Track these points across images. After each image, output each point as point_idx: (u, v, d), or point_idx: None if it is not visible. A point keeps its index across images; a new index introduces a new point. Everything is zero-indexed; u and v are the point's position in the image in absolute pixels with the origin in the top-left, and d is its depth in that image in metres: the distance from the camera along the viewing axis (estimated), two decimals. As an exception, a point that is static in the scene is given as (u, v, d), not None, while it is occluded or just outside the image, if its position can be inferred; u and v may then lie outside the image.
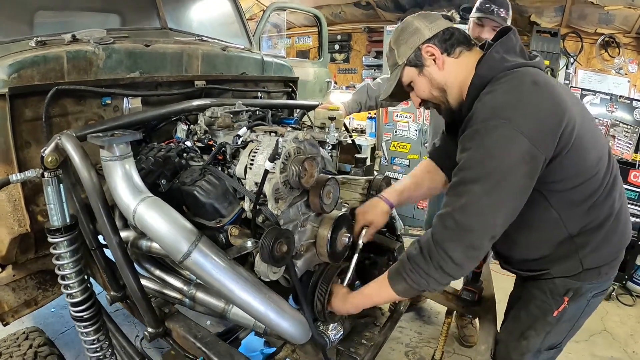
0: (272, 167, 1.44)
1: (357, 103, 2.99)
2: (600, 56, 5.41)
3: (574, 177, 1.43)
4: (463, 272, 1.38)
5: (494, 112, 1.32)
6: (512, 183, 1.30)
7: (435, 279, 1.38)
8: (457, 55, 1.53)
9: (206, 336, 1.63)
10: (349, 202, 2.00)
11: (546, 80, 1.41)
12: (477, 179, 1.31)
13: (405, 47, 1.56)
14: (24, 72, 1.66)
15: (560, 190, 1.45)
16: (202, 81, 2.31)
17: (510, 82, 1.38)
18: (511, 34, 1.50)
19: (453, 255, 1.33)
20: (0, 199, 1.68)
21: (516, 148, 1.27)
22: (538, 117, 1.30)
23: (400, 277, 1.46)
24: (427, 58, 1.53)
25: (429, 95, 1.61)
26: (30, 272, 2.00)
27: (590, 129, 1.47)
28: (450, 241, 1.33)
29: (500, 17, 2.71)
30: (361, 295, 1.65)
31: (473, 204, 1.31)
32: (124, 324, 3.20)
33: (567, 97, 1.42)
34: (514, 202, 1.34)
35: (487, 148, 1.31)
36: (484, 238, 1.33)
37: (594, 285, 1.59)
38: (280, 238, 1.38)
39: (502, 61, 1.43)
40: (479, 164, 1.32)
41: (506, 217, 1.34)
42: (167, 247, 1.37)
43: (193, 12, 3.21)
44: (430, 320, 3.53)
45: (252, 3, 7.12)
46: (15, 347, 1.87)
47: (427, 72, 1.55)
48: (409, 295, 1.49)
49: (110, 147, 1.39)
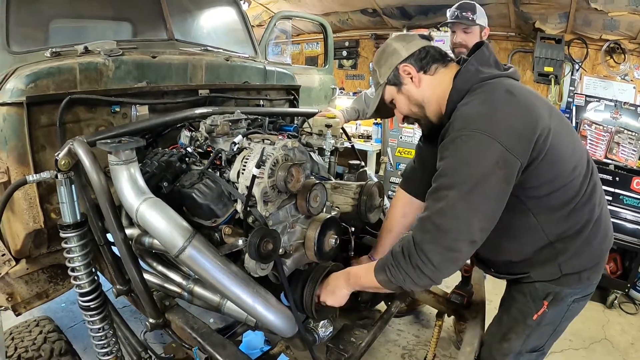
0: (260, 173, 1.57)
1: (355, 111, 3.09)
2: (606, 62, 5.32)
3: (550, 183, 1.46)
4: (440, 275, 1.39)
5: (469, 122, 1.38)
6: (487, 188, 1.33)
7: (412, 278, 1.40)
8: (433, 72, 1.60)
9: (202, 327, 1.74)
10: (340, 206, 2.08)
11: (520, 90, 1.46)
12: (453, 185, 1.35)
13: (385, 67, 1.65)
14: (40, 82, 1.79)
15: (537, 196, 1.49)
16: (206, 90, 2.41)
17: (484, 93, 1.44)
18: (484, 47, 1.56)
19: (431, 257, 1.34)
20: (17, 197, 1.80)
21: (490, 154, 1.32)
22: (511, 124, 1.35)
23: (382, 269, 1.49)
24: (404, 77, 1.61)
25: (409, 112, 1.68)
26: (42, 266, 2.11)
27: (567, 136, 1.51)
28: (429, 243, 1.35)
29: (468, 20, 2.89)
30: (350, 272, 1.70)
31: (450, 208, 1.34)
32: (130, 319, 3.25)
33: (542, 105, 1.46)
34: (490, 207, 1.36)
35: (462, 155, 1.36)
36: (462, 241, 1.35)
37: (574, 290, 1.62)
38: (267, 237, 1.50)
39: (477, 73, 1.50)
40: (455, 170, 1.37)
41: (484, 222, 1.36)
42: (165, 242, 1.49)
43: (199, 23, 3.31)
44: (428, 324, 3.55)
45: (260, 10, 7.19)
46: (26, 333, 2.00)
47: (405, 90, 1.63)
48: (390, 287, 1.50)
49: (117, 152, 1.52)
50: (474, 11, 2.90)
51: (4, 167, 1.78)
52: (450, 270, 1.40)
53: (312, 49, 8.61)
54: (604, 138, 4.63)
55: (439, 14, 5.99)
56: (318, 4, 6.83)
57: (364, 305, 2.25)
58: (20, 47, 2.12)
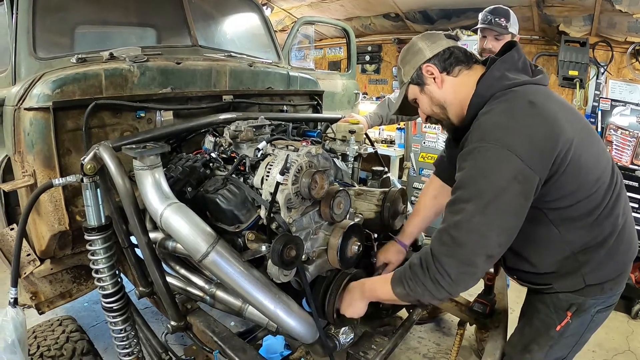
0: (284, 180, 1.56)
1: (378, 116, 3.05)
2: (631, 65, 5.19)
3: (571, 195, 1.44)
4: (458, 289, 1.38)
5: (488, 133, 1.36)
6: (504, 202, 1.31)
7: (430, 291, 1.39)
8: (457, 74, 1.58)
9: (223, 331, 1.76)
10: (363, 213, 2.07)
11: (544, 100, 1.42)
12: (470, 198, 1.33)
13: (409, 66, 1.64)
14: (66, 88, 1.84)
15: (558, 208, 1.46)
16: (230, 96, 2.43)
17: (507, 102, 1.41)
18: (514, 50, 1.53)
19: (448, 271, 1.33)
20: (43, 200, 1.84)
21: (508, 168, 1.30)
22: (532, 138, 1.32)
23: (400, 281, 1.49)
24: (427, 77, 1.60)
25: (431, 112, 1.67)
26: (66, 266, 2.16)
27: (591, 146, 1.48)
28: (446, 256, 1.34)
29: (501, 27, 2.79)
30: (365, 284, 1.70)
31: (466, 222, 1.33)
32: (152, 320, 3.33)
33: (566, 116, 1.43)
34: (508, 222, 1.34)
35: (480, 168, 1.35)
36: (478, 255, 1.33)
37: (598, 300, 1.59)
38: (290, 244, 1.49)
39: (502, 79, 1.46)
40: (472, 183, 1.35)
41: (501, 237, 1.34)
42: (189, 247, 1.50)
43: (223, 29, 3.36)
44: (450, 332, 3.51)
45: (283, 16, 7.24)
46: (49, 331, 2.03)
47: (427, 90, 1.62)
48: (407, 300, 1.50)
49: (142, 157, 1.54)
50: (507, 18, 2.82)
51: (31, 170, 1.83)
52: (468, 284, 1.39)
53: (335, 54, 8.60)
54: (630, 143, 4.54)
55: (462, 17, 5.95)
56: (341, 9, 6.83)
57: (385, 312, 2.24)
58: (46, 53, 2.17)
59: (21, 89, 1.87)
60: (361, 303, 1.69)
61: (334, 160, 2.08)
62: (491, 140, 1.33)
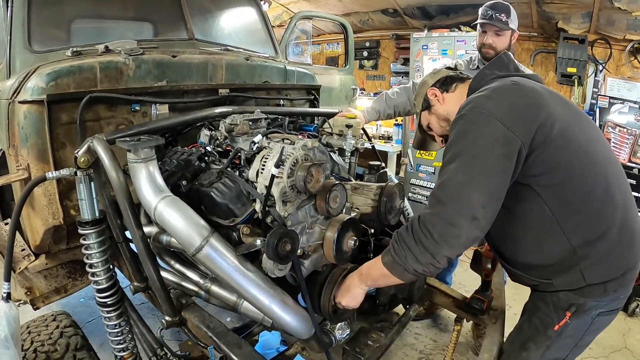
0: (279, 173, 1.55)
1: (375, 112, 3.04)
2: (630, 63, 5.18)
3: (562, 170, 1.45)
4: (441, 250, 1.36)
5: (471, 102, 1.48)
6: (486, 162, 1.36)
7: (414, 254, 1.39)
8: (454, 89, 1.80)
9: (218, 327, 1.74)
10: (360, 208, 2.06)
11: (530, 83, 1.53)
12: (453, 158, 1.41)
13: (419, 97, 1.90)
14: (60, 81, 1.81)
15: (550, 185, 1.47)
16: (226, 89, 2.42)
17: (493, 85, 1.54)
18: (502, 54, 1.74)
19: (431, 230, 1.35)
20: (37, 194, 1.82)
21: (489, 129, 1.38)
22: (512, 105, 1.43)
23: (387, 250, 1.51)
24: (432, 99, 1.83)
25: (441, 130, 1.85)
26: (61, 261, 2.15)
27: (583, 127, 1.55)
28: (430, 215, 1.38)
29: (502, 22, 2.77)
30: (362, 268, 1.68)
31: (449, 180, 1.39)
32: (148, 316, 3.33)
33: (554, 97, 1.53)
34: (491, 181, 1.36)
35: (462, 131, 1.44)
36: (461, 215, 1.34)
37: (599, 302, 1.55)
38: (285, 238, 1.48)
39: (491, 74, 1.62)
40: (455, 144, 1.43)
41: (484, 197, 1.35)
42: (182, 241, 1.49)
43: (220, 23, 3.33)
44: (446, 329, 3.52)
45: (281, 11, 7.20)
46: (43, 327, 2.02)
47: (434, 110, 1.84)
48: (395, 271, 1.48)
49: (136, 150, 1.53)
50: (508, 14, 2.80)
51: (25, 163, 1.81)
52: (452, 246, 1.37)
53: (332, 49, 8.59)
54: (628, 141, 4.55)
55: (461, 13, 5.93)
56: (339, 4, 6.81)
57: (382, 308, 2.23)
58: (41, 46, 2.15)
59: (15, 82, 1.85)
60: (359, 289, 1.66)
61: (331, 154, 2.07)
62: (473, 108, 1.45)
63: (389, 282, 1.60)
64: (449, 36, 5.59)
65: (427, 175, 5.41)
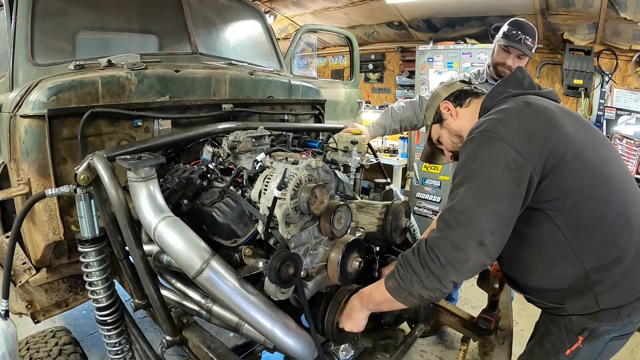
0: (282, 194, 1.52)
1: (381, 127, 3.00)
2: (636, 74, 5.15)
3: (575, 193, 1.40)
4: (447, 275, 1.33)
5: (482, 126, 1.43)
6: (495, 187, 1.33)
7: (420, 278, 1.36)
8: (467, 104, 1.76)
9: (219, 347, 1.71)
10: (365, 227, 2.03)
11: (542, 102, 1.48)
12: (462, 182, 1.38)
13: (430, 109, 1.86)
14: (62, 95, 1.80)
15: (563, 210, 1.42)
16: (230, 104, 2.40)
17: (505, 106, 1.49)
18: (517, 70, 1.66)
19: (438, 254, 1.32)
20: (38, 209, 1.81)
21: (499, 154, 1.34)
22: (523, 127, 1.39)
23: (392, 273, 1.48)
24: (444, 113, 1.79)
25: (452, 146, 1.82)
26: (62, 275, 2.13)
27: (598, 147, 1.50)
28: (438, 239, 1.35)
29: (527, 47, 2.69)
30: (363, 292, 1.66)
31: (458, 204, 1.35)
32: (150, 329, 3.31)
33: (567, 117, 1.47)
34: (500, 208, 1.33)
35: (471, 154, 1.40)
36: (469, 240, 1.31)
37: (613, 327, 1.49)
38: (288, 261, 1.45)
39: (505, 92, 1.56)
40: (464, 168, 1.40)
41: (493, 223, 1.32)
42: (182, 263, 1.46)
43: (224, 36, 3.32)
44: (452, 346, 3.45)
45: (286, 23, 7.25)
46: (42, 343, 1.99)
47: (446, 124, 1.80)
48: (399, 296, 1.45)
49: (136, 169, 1.50)
50: (534, 38, 2.71)
51: (26, 178, 1.80)
52: (459, 272, 1.33)
53: (338, 62, 8.62)
54: (636, 153, 4.52)
55: (466, 26, 5.94)
56: (344, 17, 6.83)
57: (387, 327, 2.19)
58: (44, 59, 2.15)
59: (17, 96, 1.84)
60: (361, 314, 1.63)
61: (335, 172, 2.03)
62: (483, 131, 1.41)
63: (392, 307, 1.57)
64: (454, 49, 5.56)
65: (433, 189, 5.38)
